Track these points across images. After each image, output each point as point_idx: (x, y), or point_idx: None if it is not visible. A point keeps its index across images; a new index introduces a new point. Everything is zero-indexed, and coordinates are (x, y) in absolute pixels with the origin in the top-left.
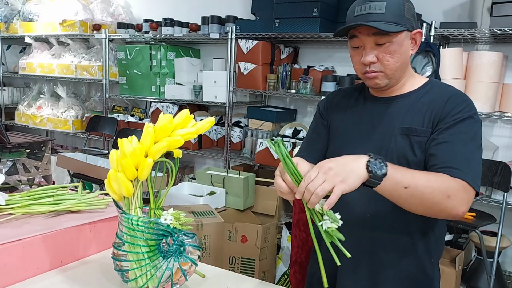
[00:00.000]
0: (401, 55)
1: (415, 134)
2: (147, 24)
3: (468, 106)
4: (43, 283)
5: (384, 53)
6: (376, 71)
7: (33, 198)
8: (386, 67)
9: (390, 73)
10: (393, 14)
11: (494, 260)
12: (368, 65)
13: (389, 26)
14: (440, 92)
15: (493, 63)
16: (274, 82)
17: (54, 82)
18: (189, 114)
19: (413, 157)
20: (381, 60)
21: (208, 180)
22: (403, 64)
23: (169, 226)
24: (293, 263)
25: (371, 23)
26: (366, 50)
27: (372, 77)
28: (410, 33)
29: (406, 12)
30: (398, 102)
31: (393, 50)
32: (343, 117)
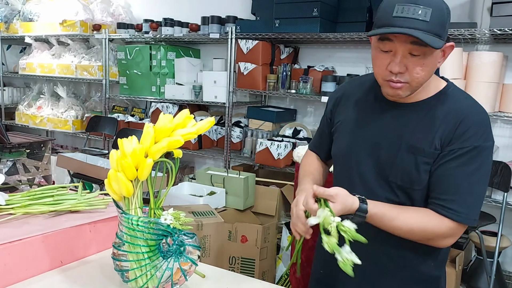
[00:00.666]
0: (431, 69)
1: (422, 155)
2: (147, 24)
3: (480, 130)
4: (43, 283)
5: (416, 64)
6: (402, 81)
7: (33, 198)
8: (414, 79)
9: (415, 85)
10: (438, 25)
11: (494, 260)
12: (396, 74)
13: (433, 38)
14: (455, 107)
15: (493, 63)
16: (274, 82)
17: (54, 82)
18: (189, 114)
19: (417, 177)
20: (410, 71)
21: (208, 180)
22: (430, 76)
23: (169, 226)
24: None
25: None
26: (397, 57)
27: (395, 88)
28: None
29: (447, 22)
30: (409, 112)
31: (426, 64)
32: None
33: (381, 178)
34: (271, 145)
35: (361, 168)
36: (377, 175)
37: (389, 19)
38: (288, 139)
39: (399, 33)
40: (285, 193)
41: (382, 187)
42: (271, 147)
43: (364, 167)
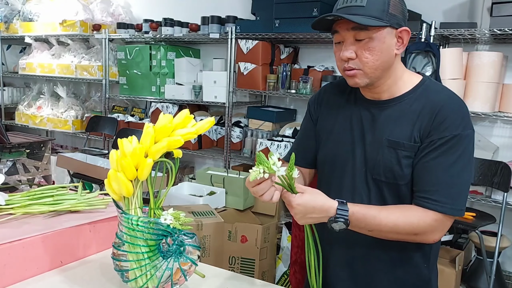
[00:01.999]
0: (381, 53)
1: (402, 149)
2: (147, 24)
3: (458, 119)
4: (43, 283)
5: (363, 49)
6: (354, 68)
7: (33, 198)
8: (364, 64)
9: (369, 71)
10: (375, 9)
11: (494, 260)
12: (347, 61)
13: (368, 20)
14: (431, 99)
15: (493, 63)
16: (274, 82)
17: (54, 82)
18: (189, 114)
19: (399, 171)
20: (359, 57)
21: (208, 180)
22: (385, 63)
23: (169, 226)
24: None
25: (349, 16)
26: (345, 45)
27: (351, 75)
28: (396, 30)
29: (391, 8)
30: (388, 108)
31: (373, 47)
32: (333, 120)
33: (367, 175)
34: (271, 145)
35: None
36: (364, 174)
37: (336, 11)
38: (288, 139)
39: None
40: None
41: (369, 186)
42: (271, 147)
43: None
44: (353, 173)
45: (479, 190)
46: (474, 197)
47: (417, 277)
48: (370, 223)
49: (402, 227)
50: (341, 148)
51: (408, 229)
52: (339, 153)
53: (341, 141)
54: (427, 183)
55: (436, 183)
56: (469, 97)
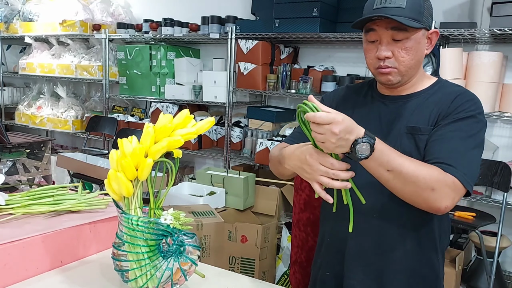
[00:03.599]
0: (416, 53)
1: (420, 133)
2: (147, 24)
3: (474, 105)
4: (43, 283)
5: (400, 49)
6: (390, 66)
7: (33, 198)
8: (400, 63)
9: (404, 70)
10: (414, 10)
11: (494, 260)
12: (383, 60)
13: (409, 21)
14: (447, 91)
15: (493, 63)
16: (274, 82)
17: (54, 82)
18: (189, 114)
19: (418, 156)
20: (396, 56)
21: (208, 180)
22: (417, 62)
23: (169, 226)
24: (293, 263)
25: (393, 16)
26: (382, 44)
27: (385, 73)
28: (427, 32)
29: (425, 11)
30: (406, 102)
31: (410, 47)
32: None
33: None
34: (271, 145)
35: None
36: None
37: (371, 11)
38: None
39: (376, 17)
40: (285, 193)
41: None
42: (271, 147)
43: None
44: None
45: (479, 190)
46: (474, 197)
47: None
48: (394, 159)
49: (422, 175)
50: None
51: (428, 180)
52: None
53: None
54: (444, 150)
55: (454, 151)
56: None
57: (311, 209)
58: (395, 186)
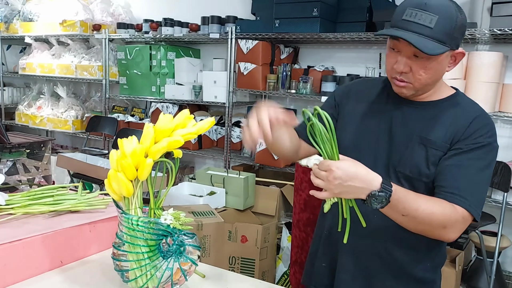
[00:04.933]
0: (435, 72)
1: (433, 147)
2: (147, 24)
3: (490, 131)
4: (43, 283)
5: (418, 66)
6: (406, 81)
7: (33, 198)
8: (417, 80)
9: (419, 87)
10: (442, 32)
11: (494, 260)
12: (400, 73)
13: (433, 45)
14: (466, 109)
15: (493, 63)
16: (274, 82)
17: (54, 82)
18: (189, 114)
19: (426, 169)
20: (414, 72)
21: (208, 180)
22: (435, 80)
23: (169, 226)
24: (293, 263)
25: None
26: (402, 57)
27: (400, 86)
28: (453, 51)
29: (456, 30)
30: (422, 109)
31: (430, 67)
32: (362, 109)
33: (389, 167)
34: None
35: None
36: (386, 166)
37: (399, 21)
38: None
39: (395, 35)
40: (285, 193)
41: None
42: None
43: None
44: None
45: None
46: None
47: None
48: (409, 206)
49: (436, 216)
50: (364, 136)
51: (441, 220)
52: (361, 141)
53: (365, 130)
54: (460, 180)
55: (469, 182)
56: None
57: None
58: (408, 226)
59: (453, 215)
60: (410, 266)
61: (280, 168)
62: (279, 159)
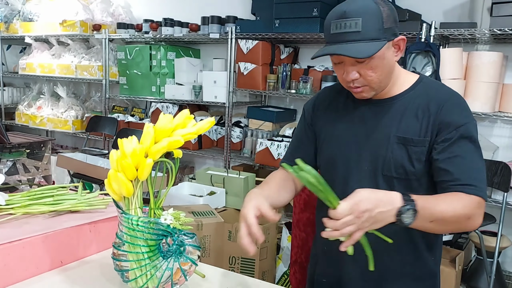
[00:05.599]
0: (384, 68)
1: (412, 144)
2: (147, 24)
3: (465, 111)
4: (43, 283)
5: (365, 69)
6: (360, 86)
7: (33, 198)
8: (369, 82)
9: (375, 85)
10: (371, 30)
11: (494, 260)
12: (351, 81)
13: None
14: (432, 96)
15: (493, 63)
16: (274, 82)
17: (54, 82)
18: (189, 114)
19: (410, 167)
20: (363, 76)
21: (208, 180)
22: (387, 74)
23: (169, 226)
24: (293, 263)
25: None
26: (347, 68)
27: (357, 92)
28: (392, 41)
29: (385, 22)
30: (390, 105)
31: (375, 66)
32: (333, 122)
33: (376, 173)
34: (271, 145)
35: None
36: (371, 172)
37: (329, 36)
38: (288, 139)
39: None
40: None
41: (378, 182)
42: (271, 147)
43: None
44: (360, 172)
45: None
46: None
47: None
48: (434, 210)
49: (459, 212)
50: (345, 148)
51: (464, 214)
52: (343, 153)
53: (344, 142)
54: (462, 172)
55: (469, 170)
56: (469, 97)
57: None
58: (436, 230)
59: (472, 205)
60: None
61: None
62: (279, 160)
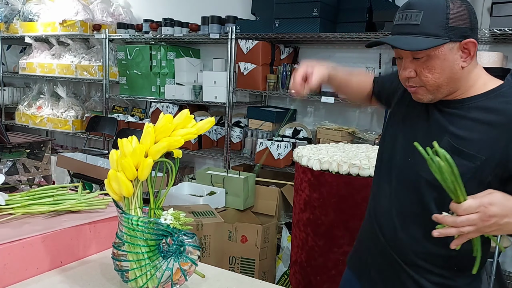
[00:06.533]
0: (443, 70)
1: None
2: (147, 24)
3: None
4: (43, 283)
5: (422, 68)
6: (415, 86)
7: (33, 198)
8: (425, 83)
9: (431, 89)
10: (432, 25)
11: (494, 260)
12: (407, 79)
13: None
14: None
15: (493, 63)
16: (274, 82)
17: (54, 82)
18: (189, 114)
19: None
20: (419, 75)
21: (208, 180)
22: (449, 79)
23: (169, 226)
24: (293, 263)
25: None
26: (405, 63)
27: (413, 92)
28: (460, 43)
29: (451, 21)
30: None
31: (432, 66)
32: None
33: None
34: (271, 145)
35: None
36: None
37: (393, 27)
38: (288, 139)
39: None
40: (285, 193)
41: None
42: (271, 147)
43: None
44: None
45: None
46: None
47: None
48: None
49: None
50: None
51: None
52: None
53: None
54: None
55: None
56: None
57: (311, 209)
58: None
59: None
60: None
61: (280, 168)
62: (279, 160)
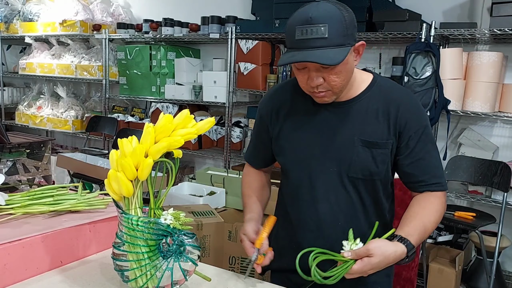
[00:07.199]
0: (347, 73)
1: (377, 147)
2: (147, 24)
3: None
4: (43, 283)
5: (330, 74)
6: (324, 91)
7: (33, 198)
8: (333, 86)
9: (337, 90)
10: (338, 35)
11: (494, 260)
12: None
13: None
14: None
15: (493, 63)
16: (274, 82)
17: (54, 82)
18: (189, 114)
19: (375, 168)
20: (327, 81)
21: (208, 180)
22: (349, 78)
23: (169, 226)
24: None
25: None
26: (311, 74)
27: (320, 96)
28: (354, 46)
29: (348, 28)
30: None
31: (339, 71)
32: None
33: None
34: None
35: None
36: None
37: (293, 42)
38: None
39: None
40: None
41: (344, 184)
42: None
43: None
44: (325, 174)
45: (479, 190)
46: (474, 197)
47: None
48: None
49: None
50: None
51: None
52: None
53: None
54: (426, 172)
55: (433, 168)
56: (469, 97)
57: None
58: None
59: (440, 205)
60: None
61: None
62: None
